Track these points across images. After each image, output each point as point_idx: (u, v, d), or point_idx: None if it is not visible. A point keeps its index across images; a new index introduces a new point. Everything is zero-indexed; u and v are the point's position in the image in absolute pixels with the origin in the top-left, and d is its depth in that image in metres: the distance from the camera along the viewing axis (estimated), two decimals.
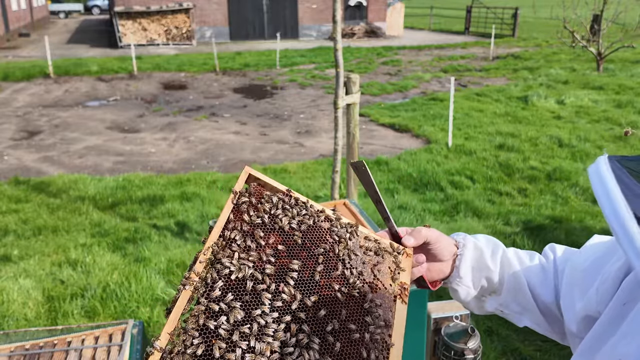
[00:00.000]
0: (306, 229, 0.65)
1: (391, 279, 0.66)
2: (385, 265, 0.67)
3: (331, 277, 0.62)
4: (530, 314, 0.68)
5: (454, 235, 0.72)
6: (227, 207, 0.65)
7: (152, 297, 2.54)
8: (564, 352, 2.21)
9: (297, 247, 0.63)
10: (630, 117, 6.24)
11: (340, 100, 2.68)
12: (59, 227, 3.49)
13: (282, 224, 0.64)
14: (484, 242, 0.70)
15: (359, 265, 0.65)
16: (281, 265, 0.60)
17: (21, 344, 1.50)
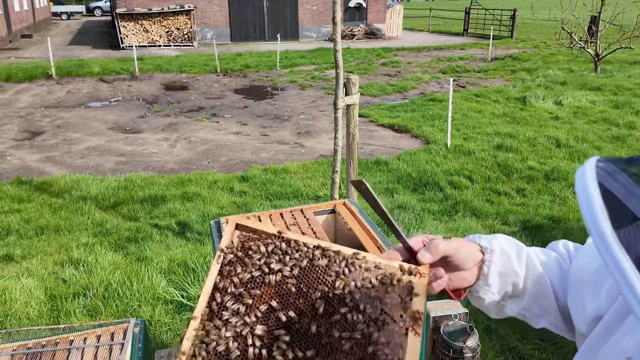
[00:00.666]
0: (300, 272, 0.60)
1: (402, 309, 0.59)
2: (394, 294, 0.60)
3: (331, 323, 0.57)
4: (550, 316, 0.66)
5: (475, 238, 0.67)
6: (213, 269, 0.61)
7: (153, 296, 2.57)
8: (562, 350, 2.23)
9: (292, 296, 0.58)
10: (628, 118, 6.26)
11: (340, 101, 2.70)
12: (61, 226, 3.51)
13: (273, 276, 0.59)
14: (509, 246, 0.66)
15: (363, 301, 0.59)
16: (276, 320, 0.56)
17: (24, 343, 1.52)
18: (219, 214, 3.62)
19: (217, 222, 1.52)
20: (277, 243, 0.63)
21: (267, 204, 3.84)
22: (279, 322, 0.56)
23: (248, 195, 4.10)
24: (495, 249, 0.64)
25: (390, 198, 3.97)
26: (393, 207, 3.70)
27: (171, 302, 2.53)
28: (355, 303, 0.59)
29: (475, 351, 1.66)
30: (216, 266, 0.61)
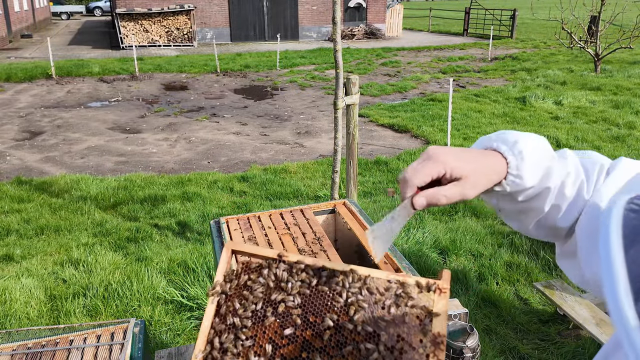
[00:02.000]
0: (305, 300, 0.55)
1: (422, 332, 0.53)
2: (412, 316, 0.54)
3: (342, 356, 0.51)
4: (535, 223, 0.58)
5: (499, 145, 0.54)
6: (209, 308, 0.56)
7: (153, 296, 2.56)
8: (561, 350, 2.23)
9: (298, 328, 0.53)
10: (628, 118, 6.26)
11: (340, 101, 2.70)
12: (61, 226, 3.51)
13: (275, 309, 0.54)
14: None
15: (377, 327, 0.53)
16: (282, 357, 0.52)
17: (23, 343, 1.51)
18: (219, 214, 3.61)
19: (217, 222, 1.52)
20: (278, 268, 0.58)
21: (267, 204, 3.84)
22: (285, 359, 0.52)
23: (248, 195, 4.09)
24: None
25: (390, 198, 3.97)
26: (393, 207, 3.69)
27: (171, 302, 2.53)
28: (368, 331, 0.53)
29: (475, 351, 1.66)
30: (212, 305, 0.56)
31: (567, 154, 0.57)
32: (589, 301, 2.29)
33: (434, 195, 0.52)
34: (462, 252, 3.02)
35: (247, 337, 0.54)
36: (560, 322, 2.41)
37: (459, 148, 0.55)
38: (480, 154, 0.54)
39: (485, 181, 0.53)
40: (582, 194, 0.55)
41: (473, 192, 0.53)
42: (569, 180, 0.55)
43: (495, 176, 0.53)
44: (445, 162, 0.51)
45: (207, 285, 2.58)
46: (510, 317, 2.44)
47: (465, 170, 0.52)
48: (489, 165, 0.53)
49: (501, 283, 2.73)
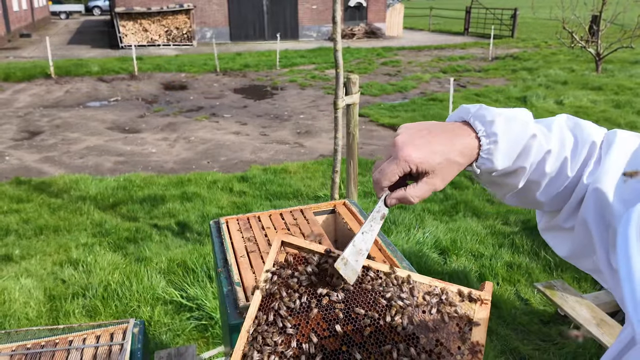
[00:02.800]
0: (349, 296, 0.56)
1: (460, 340, 0.54)
2: (452, 323, 0.55)
3: (381, 354, 0.52)
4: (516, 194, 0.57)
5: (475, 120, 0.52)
6: (256, 296, 0.57)
7: (153, 297, 2.56)
8: (562, 351, 2.22)
9: (339, 322, 0.54)
10: (629, 118, 6.25)
11: (340, 101, 2.69)
12: (60, 226, 3.50)
13: (320, 301, 0.55)
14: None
15: (417, 330, 0.54)
16: (323, 347, 0.53)
17: (23, 343, 1.51)
18: (219, 214, 3.61)
19: (217, 222, 1.51)
20: (325, 262, 0.59)
21: (266, 204, 3.83)
22: (325, 350, 0.53)
23: (248, 195, 4.09)
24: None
25: None
26: (393, 207, 3.69)
27: (171, 303, 2.52)
28: (408, 332, 0.53)
29: None
30: (259, 293, 0.58)
31: (555, 125, 0.55)
32: (589, 301, 2.28)
33: (404, 197, 0.54)
34: (463, 252, 3.02)
35: (290, 325, 0.55)
36: (561, 322, 2.40)
37: (429, 129, 0.53)
38: (451, 134, 0.52)
39: (454, 170, 0.52)
40: (565, 170, 0.53)
41: (442, 185, 0.53)
42: (550, 157, 0.53)
43: (464, 160, 0.52)
44: (410, 160, 0.51)
45: (207, 286, 2.57)
46: (511, 318, 2.43)
47: (432, 165, 0.51)
48: (459, 150, 0.52)
49: (502, 283, 2.73)
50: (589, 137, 0.54)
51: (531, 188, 0.55)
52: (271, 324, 0.56)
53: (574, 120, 0.56)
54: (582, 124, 0.55)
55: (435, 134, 0.52)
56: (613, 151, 0.51)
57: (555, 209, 0.57)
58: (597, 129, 0.55)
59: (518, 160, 0.53)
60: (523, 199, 0.57)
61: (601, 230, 0.50)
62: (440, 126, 0.54)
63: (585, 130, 0.54)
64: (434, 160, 0.51)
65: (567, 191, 0.55)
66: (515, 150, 0.52)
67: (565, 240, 0.56)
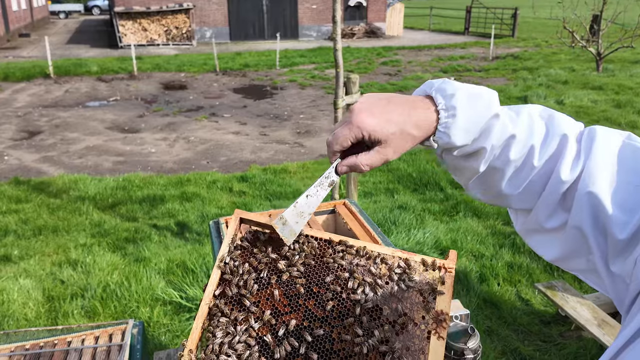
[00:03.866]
0: (310, 271, 0.55)
1: (424, 309, 0.53)
2: (415, 293, 0.54)
3: (344, 327, 0.52)
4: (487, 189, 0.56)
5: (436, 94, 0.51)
6: (214, 275, 0.57)
7: (152, 297, 2.55)
8: (563, 352, 2.21)
9: (301, 297, 0.54)
10: (630, 117, 6.24)
11: (340, 101, 2.69)
12: (59, 227, 3.49)
13: (279, 277, 0.55)
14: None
15: (380, 301, 0.53)
16: (285, 323, 0.52)
17: (21, 344, 1.50)
18: (218, 214, 3.60)
19: (217, 222, 1.50)
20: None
21: (266, 204, 3.82)
22: (286, 327, 0.52)
23: (247, 195, 4.08)
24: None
25: (391, 198, 3.95)
26: (393, 207, 3.68)
27: (170, 303, 2.51)
28: (371, 304, 0.53)
29: (477, 352, 1.64)
30: (217, 271, 0.57)
31: (524, 111, 0.53)
32: (590, 302, 2.27)
33: (355, 164, 0.52)
34: (463, 252, 3.01)
35: (250, 302, 0.54)
36: (561, 323, 2.39)
37: (389, 99, 0.52)
38: (410, 106, 0.51)
39: (408, 143, 0.51)
40: (531, 160, 0.51)
41: (395, 156, 0.52)
42: (515, 143, 0.51)
43: (419, 133, 0.51)
44: (363, 126, 0.50)
45: None
46: (512, 318, 2.42)
47: (385, 134, 0.50)
48: (415, 121, 0.50)
49: (502, 284, 2.72)
50: (560, 129, 0.51)
51: (495, 176, 0.53)
52: (231, 301, 0.55)
53: (549, 112, 0.54)
54: (557, 115, 0.53)
55: (394, 104, 0.51)
56: (598, 149, 0.49)
57: (526, 207, 0.54)
58: (572, 122, 0.53)
59: (479, 140, 0.51)
60: (487, 189, 0.55)
61: (598, 237, 0.48)
62: (401, 98, 0.53)
63: (558, 122, 0.52)
64: (388, 129, 0.50)
65: (534, 186, 0.52)
66: (475, 127, 0.50)
67: (552, 244, 0.54)
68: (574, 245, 0.51)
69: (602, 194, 0.47)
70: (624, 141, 0.50)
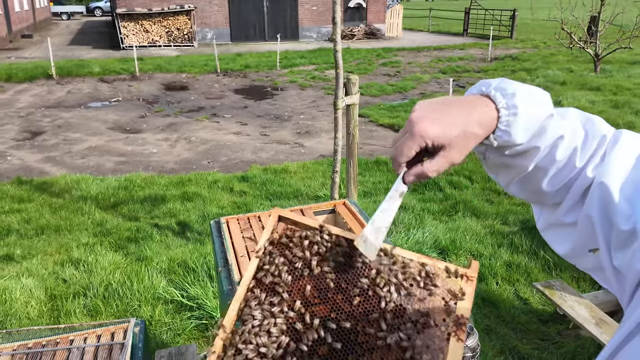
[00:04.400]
0: (340, 268, 0.58)
1: (445, 312, 0.56)
2: (438, 297, 0.57)
3: (368, 321, 0.55)
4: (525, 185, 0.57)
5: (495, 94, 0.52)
6: (252, 264, 0.61)
7: (153, 296, 2.57)
8: (561, 350, 2.23)
9: (330, 291, 0.57)
10: (627, 118, 6.26)
11: (340, 101, 2.71)
12: (61, 226, 3.51)
13: (312, 270, 0.58)
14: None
15: (404, 301, 0.56)
16: (312, 314, 0.56)
17: (24, 343, 1.51)
18: (219, 214, 3.62)
19: (217, 222, 1.53)
20: (319, 237, 0.62)
21: (267, 204, 3.84)
22: (314, 317, 0.55)
23: (248, 195, 4.10)
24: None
25: None
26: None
27: (171, 302, 2.53)
28: (395, 303, 0.56)
29: (475, 351, 1.66)
30: (255, 261, 0.61)
31: (569, 114, 0.54)
32: (588, 301, 2.29)
33: (422, 173, 0.53)
34: (462, 252, 3.03)
35: (284, 291, 0.58)
36: (559, 322, 2.41)
37: (447, 102, 0.52)
38: (469, 105, 0.52)
39: (472, 142, 0.52)
40: (574, 160, 0.53)
41: (460, 157, 0.52)
42: (562, 144, 0.52)
43: (482, 131, 0.51)
44: (426, 134, 0.50)
45: (207, 285, 2.58)
46: (510, 317, 2.44)
47: (447, 138, 0.51)
48: (477, 120, 0.51)
49: (501, 283, 2.74)
50: (599, 131, 0.53)
51: (538, 175, 0.54)
52: (266, 288, 0.58)
53: (586, 115, 0.56)
54: (594, 118, 0.55)
55: (453, 106, 0.52)
56: (620, 148, 0.51)
57: (558, 201, 0.56)
58: (607, 125, 0.55)
59: (533, 140, 0.52)
60: (528, 187, 0.56)
61: (604, 227, 0.49)
62: (457, 99, 0.53)
63: (596, 124, 0.54)
64: (451, 133, 0.50)
65: (571, 183, 0.54)
66: (533, 126, 0.51)
67: (566, 237, 0.56)
68: (584, 238, 0.53)
69: (613, 185, 0.49)
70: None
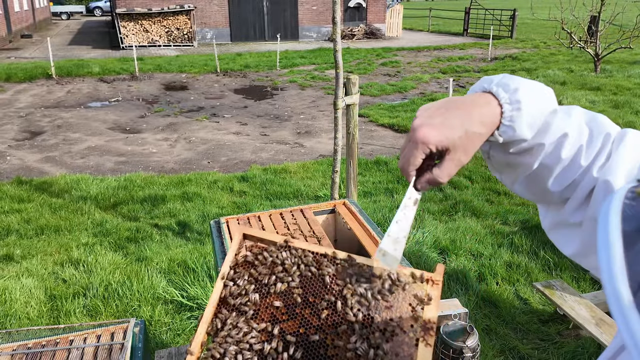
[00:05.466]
0: (306, 282, 0.59)
1: (413, 318, 0.57)
2: (404, 303, 0.58)
3: (337, 334, 0.55)
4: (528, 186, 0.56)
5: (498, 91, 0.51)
6: (218, 285, 0.61)
7: (153, 296, 2.57)
8: (561, 350, 2.23)
9: (298, 306, 0.58)
10: (628, 118, 6.26)
11: (340, 101, 2.71)
12: (61, 226, 3.51)
13: (279, 286, 0.59)
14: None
15: (371, 310, 0.57)
16: (282, 331, 0.56)
17: (24, 343, 1.51)
18: (219, 214, 3.62)
19: (217, 222, 1.52)
20: (284, 252, 0.63)
21: (266, 204, 3.84)
22: (283, 333, 0.56)
23: (248, 195, 4.10)
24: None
25: (390, 198, 3.97)
26: (393, 207, 3.69)
27: (171, 302, 2.53)
28: (363, 312, 0.57)
29: (475, 351, 1.66)
30: (220, 281, 0.61)
31: (574, 112, 0.53)
32: (588, 301, 2.29)
33: (433, 179, 0.53)
34: (462, 252, 3.03)
35: (250, 310, 0.59)
36: (560, 322, 2.41)
37: (446, 104, 0.52)
38: (470, 105, 0.51)
39: (476, 142, 0.51)
40: (579, 159, 0.52)
41: (467, 158, 0.52)
42: (567, 142, 0.52)
43: (485, 129, 0.51)
44: (427, 140, 0.50)
45: (207, 285, 2.58)
46: (510, 317, 2.44)
47: (450, 141, 0.50)
48: (478, 119, 0.50)
49: (501, 283, 2.73)
50: (604, 129, 0.53)
51: (543, 174, 0.54)
52: (232, 309, 0.59)
53: (591, 113, 0.55)
54: (599, 117, 0.54)
55: (452, 108, 0.51)
56: (625, 147, 0.50)
57: (564, 200, 0.55)
58: (612, 123, 0.54)
59: (537, 136, 0.52)
60: (533, 186, 0.56)
61: None
62: (458, 100, 0.53)
63: (600, 122, 0.53)
64: (453, 135, 0.50)
65: (577, 183, 0.53)
66: (537, 121, 0.51)
67: (572, 237, 0.55)
68: (590, 238, 0.52)
69: (616, 183, 0.48)
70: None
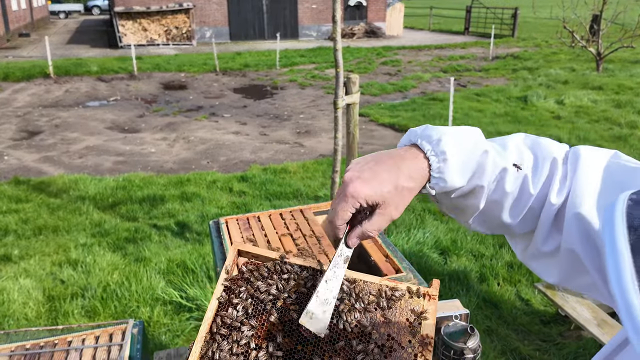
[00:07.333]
0: (303, 298, 0.59)
1: (411, 333, 0.57)
2: (402, 318, 0.58)
3: (335, 351, 0.55)
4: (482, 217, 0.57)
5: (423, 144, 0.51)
6: (213, 302, 0.61)
7: (152, 297, 2.55)
8: (563, 351, 2.21)
9: (294, 323, 0.57)
10: (630, 117, 6.25)
11: (340, 100, 2.69)
12: (59, 227, 3.49)
13: (274, 304, 0.58)
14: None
15: (368, 326, 0.57)
16: (279, 347, 0.56)
17: (22, 344, 1.50)
18: (218, 214, 3.60)
19: (216, 222, 1.51)
20: (280, 268, 0.62)
21: (266, 204, 3.82)
22: (280, 352, 0.55)
23: (247, 195, 4.08)
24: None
25: None
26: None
27: (170, 303, 2.52)
28: (360, 329, 0.56)
29: (476, 352, 1.65)
30: (216, 299, 0.61)
31: (510, 143, 0.54)
32: (590, 302, 2.27)
33: (363, 234, 0.54)
34: (463, 252, 3.01)
35: (247, 327, 0.58)
36: (561, 323, 2.40)
37: (376, 158, 0.52)
38: (399, 159, 0.52)
39: (406, 196, 0.52)
40: (527, 188, 0.52)
41: (398, 213, 0.53)
42: (508, 176, 0.52)
43: (415, 184, 0.51)
44: (357, 195, 0.51)
45: (207, 286, 2.56)
46: (512, 318, 2.42)
47: (380, 196, 0.51)
48: (407, 174, 0.51)
49: (502, 284, 2.72)
50: (549, 153, 0.53)
51: (494, 209, 0.54)
52: (229, 326, 0.58)
53: (532, 138, 0.55)
54: (542, 141, 0.55)
55: (381, 163, 0.52)
56: (583, 169, 0.50)
57: (528, 230, 0.56)
58: (557, 145, 0.54)
59: (474, 179, 0.52)
60: (489, 222, 0.57)
61: (593, 257, 0.48)
62: (387, 154, 0.53)
63: (544, 147, 0.53)
64: (382, 190, 0.51)
65: (534, 211, 0.53)
66: (468, 167, 0.51)
67: (551, 267, 0.55)
68: (571, 266, 0.52)
69: (589, 213, 0.48)
70: (610, 160, 0.51)
